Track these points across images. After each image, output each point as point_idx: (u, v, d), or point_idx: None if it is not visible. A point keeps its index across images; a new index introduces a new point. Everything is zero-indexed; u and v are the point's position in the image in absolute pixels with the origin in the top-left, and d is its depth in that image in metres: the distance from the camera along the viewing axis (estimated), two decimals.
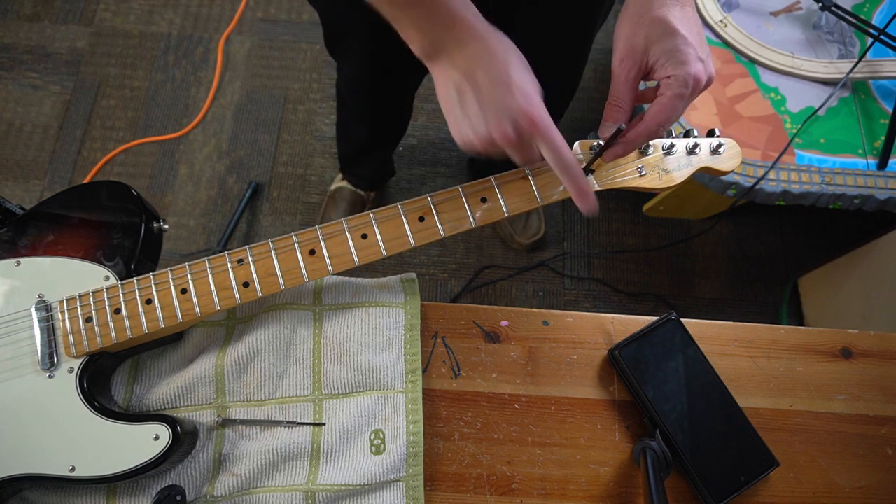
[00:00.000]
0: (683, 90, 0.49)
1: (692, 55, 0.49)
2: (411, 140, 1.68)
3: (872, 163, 1.16)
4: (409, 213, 0.56)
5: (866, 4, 1.26)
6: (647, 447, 0.55)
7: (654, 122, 0.51)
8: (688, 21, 0.50)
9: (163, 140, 1.66)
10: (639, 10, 0.51)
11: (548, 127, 0.49)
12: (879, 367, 0.64)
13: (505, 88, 0.49)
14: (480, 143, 0.51)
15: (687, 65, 0.49)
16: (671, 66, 0.50)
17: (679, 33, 0.49)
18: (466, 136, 0.51)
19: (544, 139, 0.49)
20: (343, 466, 0.57)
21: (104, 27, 1.77)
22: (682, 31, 0.49)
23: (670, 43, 0.49)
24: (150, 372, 0.60)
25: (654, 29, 0.50)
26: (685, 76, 0.49)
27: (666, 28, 0.49)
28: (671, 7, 0.50)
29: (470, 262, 1.57)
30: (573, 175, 0.51)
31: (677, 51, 0.49)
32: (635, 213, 1.61)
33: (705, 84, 0.51)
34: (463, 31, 0.49)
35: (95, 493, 0.55)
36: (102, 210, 0.59)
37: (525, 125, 0.49)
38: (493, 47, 0.50)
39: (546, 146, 0.50)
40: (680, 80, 0.49)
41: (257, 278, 0.55)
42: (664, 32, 0.49)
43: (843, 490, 0.60)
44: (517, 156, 0.51)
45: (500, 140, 0.50)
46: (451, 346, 0.63)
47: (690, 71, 0.49)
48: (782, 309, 1.53)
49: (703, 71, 0.50)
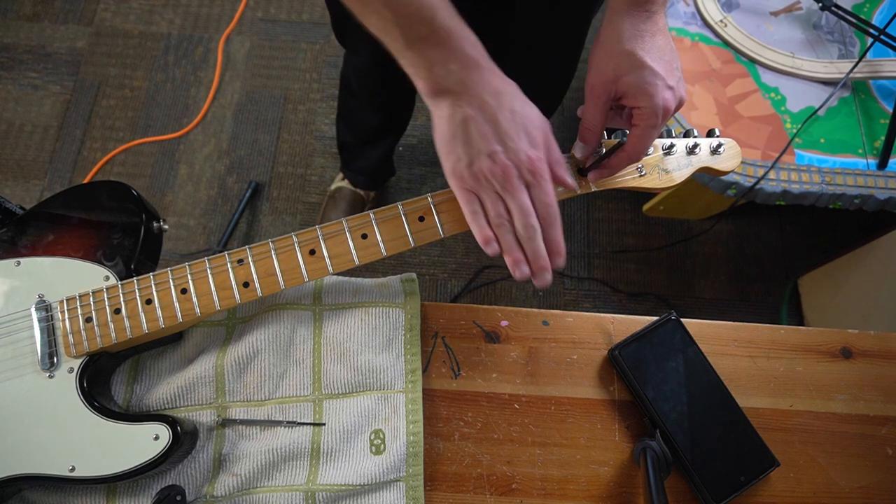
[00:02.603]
0: (653, 121, 0.53)
1: (660, 87, 0.52)
2: (411, 140, 1.68)
3: (872, 163, 1.16)
4: (409, 213, 0.56)
5: (866, 4, 1.26)
6: (647, 447, 0.55)
7: (633, 150, 0.55)
8: (658, 51, 0.53)
9: (163, 140, 1.66)
10: (610, 42, 0.53)
11: (546, 174, 0.51)
12: (879, 367, 0.64)
13: (521, 122, 0.51)
14: (473, 178, 0.51)
15: (655, 97, 0.52)
16: (640, 98, 0.53)
17: (647, 66, 0.52)
18: (461, 170, 0.52)
19: (542, 185, 0.51)
20: (343, 466, 0.57)
21: (104, 27, 1.77)
22: (650, 62, 0.52)
23: (638, 76, 0.52)
24: (150, 372, 0.60)
25: (623, 61, 0.53)
26: (654, 108, 0.52)
27: (634, 61, 0.52)
28: (641, 39, 0.52)
29: (470, 262, 1.57)
30: (556, 230, 0.52)
31: (645, 83, 0.52)
32: (635, 213, 1.61)
33: (676, 108, 0.54)
34: (474, 69, 0.50)
35: (95, 493, 0.55)
36: (102, 210, 0.59)
37: (532, 164, 0.50)
38: (505, 88, 0.51)
39: (542, 191, 0.51)
40: (649, 111, 0.53)
41: (257, 278, 0.55)
42: (632, 65, 0.52)
43: (843, 490, 0.60)
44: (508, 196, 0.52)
45: (500, 171, 0.50)
46: (451, 346, 0.63)
47: (658, 103, 0.52)
48: (782, 309, 1.53)
49: (671, 99, 0.53)
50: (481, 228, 0.52)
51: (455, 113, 0.50)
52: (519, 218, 0.51)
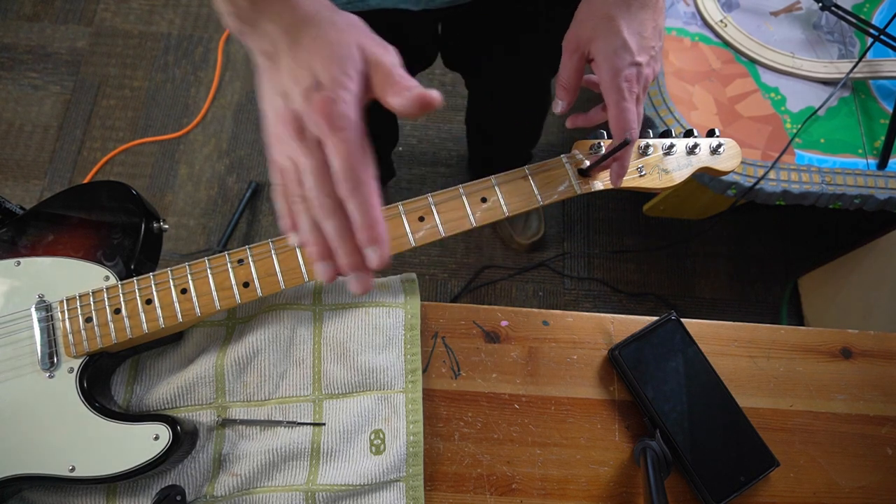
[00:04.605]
0: (618, 96, 0.51)
1: (626, 61, 0.51)
2: (411, 140, 1.68)
3: (872, 163, 1.16)
4: (409, 213, 0.56)
5: (866, 4, 1.26)
6: (647, 447, 0.55)
7: (617, 131, 0.52)
8: (639, 24, 0.51)
9: (163, 140, 1.66)
10: (596, 1, 0.52)
11: (341, 118, 0.37)
12: (879, 367, 0.64)
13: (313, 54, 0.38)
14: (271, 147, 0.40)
15: (619, 72, 0.51)
16: (603, 68, 0.52)
17: (620, 35, 0.51)
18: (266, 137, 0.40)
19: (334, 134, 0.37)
20: (343, 466, 0.57)
21: (104, 27, 1.77)
22: (625, 34, 0.51)
23: (609, 44, 0.51)
24: (150, 372, 0.60)
25: (601, 24, 0.51)
26: (617, 83, 0.51)
27: (611, 27, 0.51)
28: (627, 8, 0.51)
29: (470, 262, 1.57)
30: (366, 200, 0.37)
31: (614, 54, 0.51)
32: (635, 213, 1.61)
33: (641, 86, 0.52)
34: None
35: (95, 493, 0.55)
36: (102, 210, 0.59)
37: (321, 108, 0.37)
38: (329, 16, 0.40)
39: (335, 143, 0.37)
40: (614, 86, 0.51)
41: (257, 278, 0.55)
42: (608, 31, 0.51)
43: (843, 490, 0.60)
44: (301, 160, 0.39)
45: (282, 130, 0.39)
46: (451, 346, 0.63)
47: (620, 77, 0.51)
48: (782, 309, 1.53)
49: (635, 75, 0.51)
50: (280, 213, 0.41)
51: (262, 49, 0.41)
52: (309, 190, 0.38)
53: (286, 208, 0.41)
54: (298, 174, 0.39)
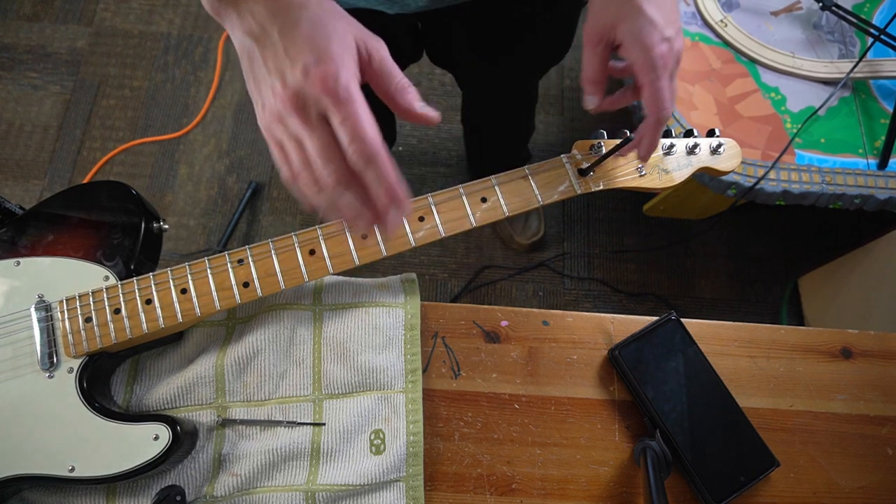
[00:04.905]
0: (653, 75, 0.50)
1: (656, 38, 0.49)
2: (411, 140, 1.68)
3: (873, 163, 1.16)
4: (409, 213, 0.56)
5: (866, 4, 1.26)
6: (647, 447, 0.55)
7: (652, 109, 0.51)
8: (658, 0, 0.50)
9: (162, 140, 1.66)
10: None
11: (344, 94, 0.37)
12: (879, 367, 0.64)
13: (308, 36, 0.38)
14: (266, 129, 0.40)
15: (651, 49, 0.49)
16: (635, 49, 0.50)
17: (644, 13, 0.49)
18: (260, 120, 0.41)
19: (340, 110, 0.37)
20: (343, 466, 0.57)
21: (104, 27, 1.77)
22: (648, 11, 0.49)
23: (635, 24, 0.50)
24: (150, 372, 0.60)
25: (622, 6, 0.50)
26: (651, 61, 0.49)
27: (633, 7, 0.50)
28: None
29: (470, 262, 1.57)
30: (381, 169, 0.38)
31: (641, 33, 0.49)
32: (635, 213, 1.61)
33: (675, 60, 0.51)
34: None
35: (95, 493, 0.55)
36: (102, 210, 0.59)
37: (322, 86, 0.37)
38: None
39: (343, 118, 0.37)
40: (648, 65, 0.50)
41: (257, 278, 0.55)
42: (630, 11, 0.50)
43: (843, 490, 0.60)
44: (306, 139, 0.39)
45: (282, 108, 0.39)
46: (451, 346, 0.63)
47: (654, 55, 0.49)
48: (782, 309, 1.53)
49: (668, 51, 0.50)
50: (297, 193, 0.41)
51: (240, 36, 0.41)
52: (318, 170, 0.39)
53: (299, 192, 0.42)
54: (303, 154, 0.39)
